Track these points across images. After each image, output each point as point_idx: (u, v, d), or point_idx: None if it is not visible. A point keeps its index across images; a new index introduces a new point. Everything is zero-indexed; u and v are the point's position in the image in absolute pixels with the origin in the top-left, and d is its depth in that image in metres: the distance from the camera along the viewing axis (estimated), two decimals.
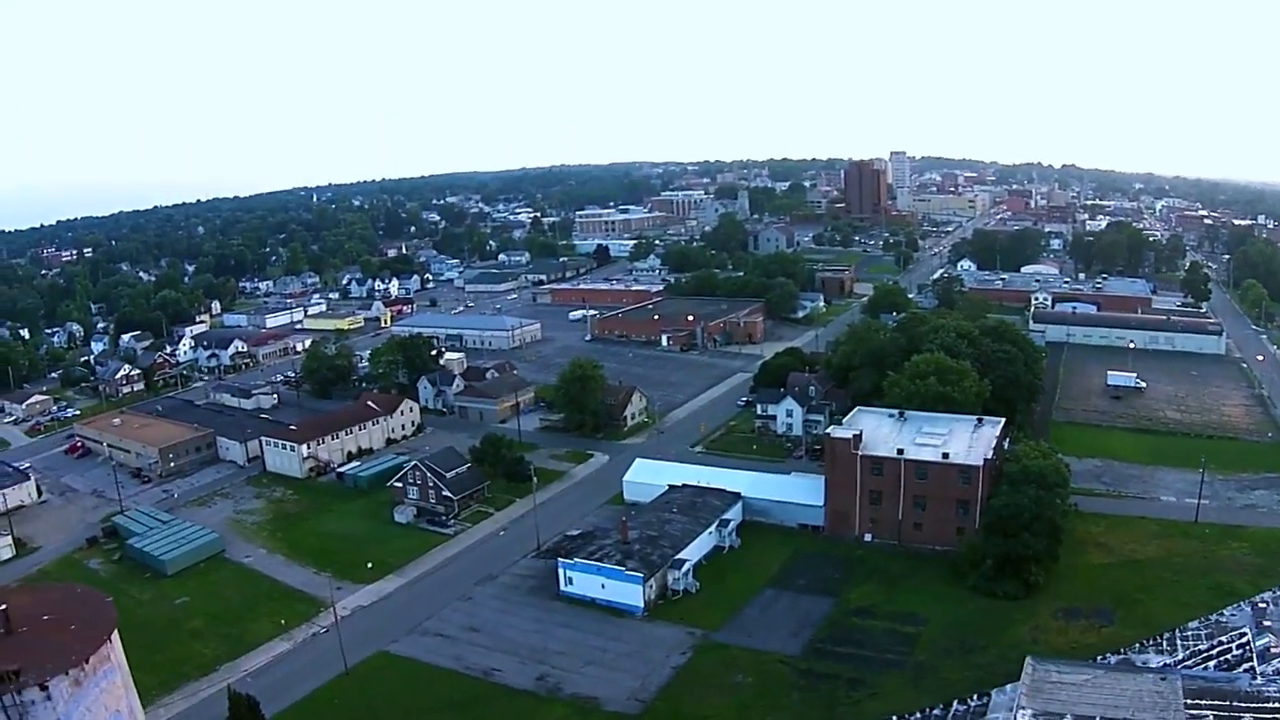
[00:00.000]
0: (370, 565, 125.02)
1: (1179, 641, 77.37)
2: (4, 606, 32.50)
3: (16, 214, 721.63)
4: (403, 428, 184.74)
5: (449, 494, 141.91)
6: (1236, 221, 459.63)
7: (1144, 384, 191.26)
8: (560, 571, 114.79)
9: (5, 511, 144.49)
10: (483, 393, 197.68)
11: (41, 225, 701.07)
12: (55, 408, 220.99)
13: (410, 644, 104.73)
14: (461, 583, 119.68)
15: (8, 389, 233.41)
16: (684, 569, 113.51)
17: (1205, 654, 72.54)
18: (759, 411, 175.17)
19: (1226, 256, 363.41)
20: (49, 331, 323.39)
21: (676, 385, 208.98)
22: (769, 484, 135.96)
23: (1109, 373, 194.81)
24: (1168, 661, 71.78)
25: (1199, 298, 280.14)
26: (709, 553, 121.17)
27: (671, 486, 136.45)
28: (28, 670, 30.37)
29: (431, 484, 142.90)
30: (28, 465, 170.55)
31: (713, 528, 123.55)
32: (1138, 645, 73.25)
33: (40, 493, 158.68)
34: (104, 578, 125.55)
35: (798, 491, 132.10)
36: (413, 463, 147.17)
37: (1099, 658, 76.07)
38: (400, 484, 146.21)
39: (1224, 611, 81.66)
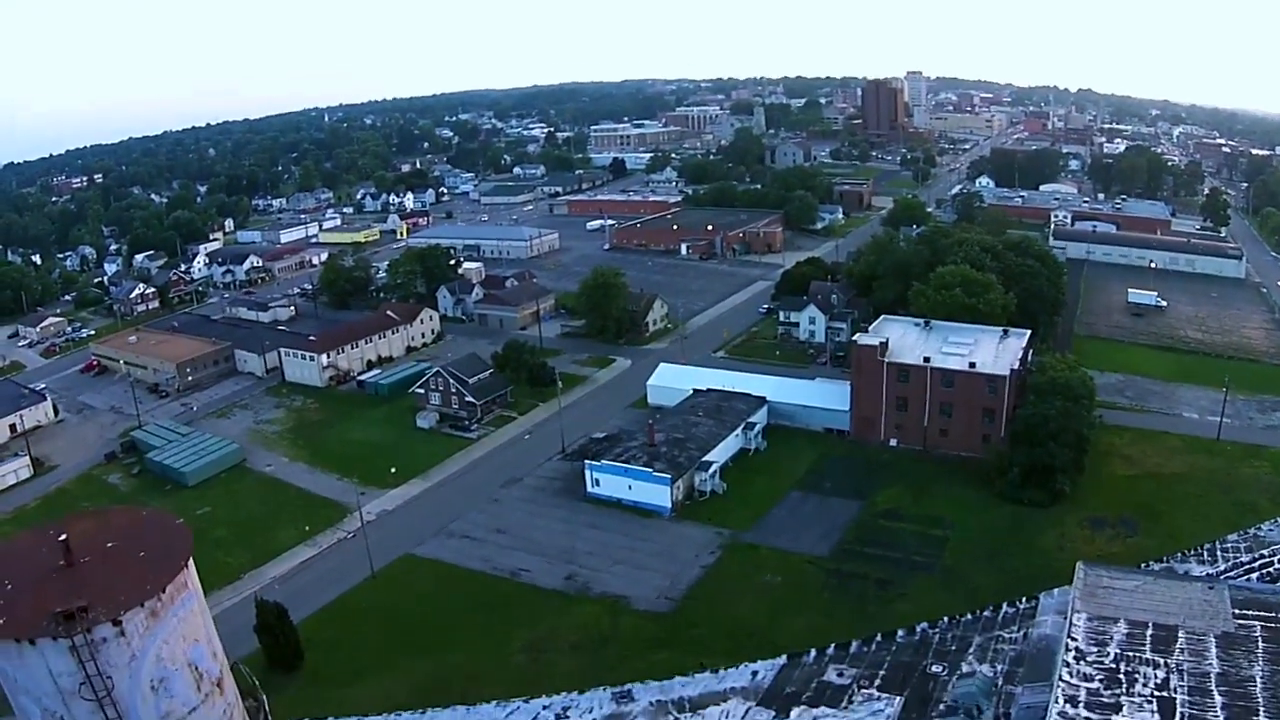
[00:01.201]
0: (394, 470, 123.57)
1: (1219, 553, 75.42)
2: (64, 537, 27.91)
3: (25, 145, 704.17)
4: (423, 336, 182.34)
5: (472, 399, 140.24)
6: (1255, 151, 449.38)
7: (1164, 303, 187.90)
8: (587, 473, 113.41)
9: (23, 432, 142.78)
10: (503, 300, 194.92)
11: (51, 155, 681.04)
12: (70, 329, 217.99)
13: (437, 546, 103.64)
14: (487, 486, 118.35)
15: (22, 313, 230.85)
16: (711, 471, 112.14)
17: (1246, 566, 70.61)
18: (781, 319, 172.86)
19: (1245, 185, 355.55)
20: (61, 256, 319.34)
21: (697, 293, 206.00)
22: (794, 389, 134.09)
23: (1130, 290, 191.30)
24: (1210, 572, 69.91)
25: (1218, 223, 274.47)
26: (735, 455, 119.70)
27: (696, 391, 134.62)
28: (97, 605, 26.02)
29: (454, 390, 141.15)
30: (43, 386, 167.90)
31: (738, 431, 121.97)
32: (1180, 555, 71.19)
33: (57, 412, 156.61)
34: (124, 492, 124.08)
35: (823, 396, 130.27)
36: (434, 369, 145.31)
37: (1143, 565, 74.41)
38: (422, 390, 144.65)
39: (1261, 526, 79.68)
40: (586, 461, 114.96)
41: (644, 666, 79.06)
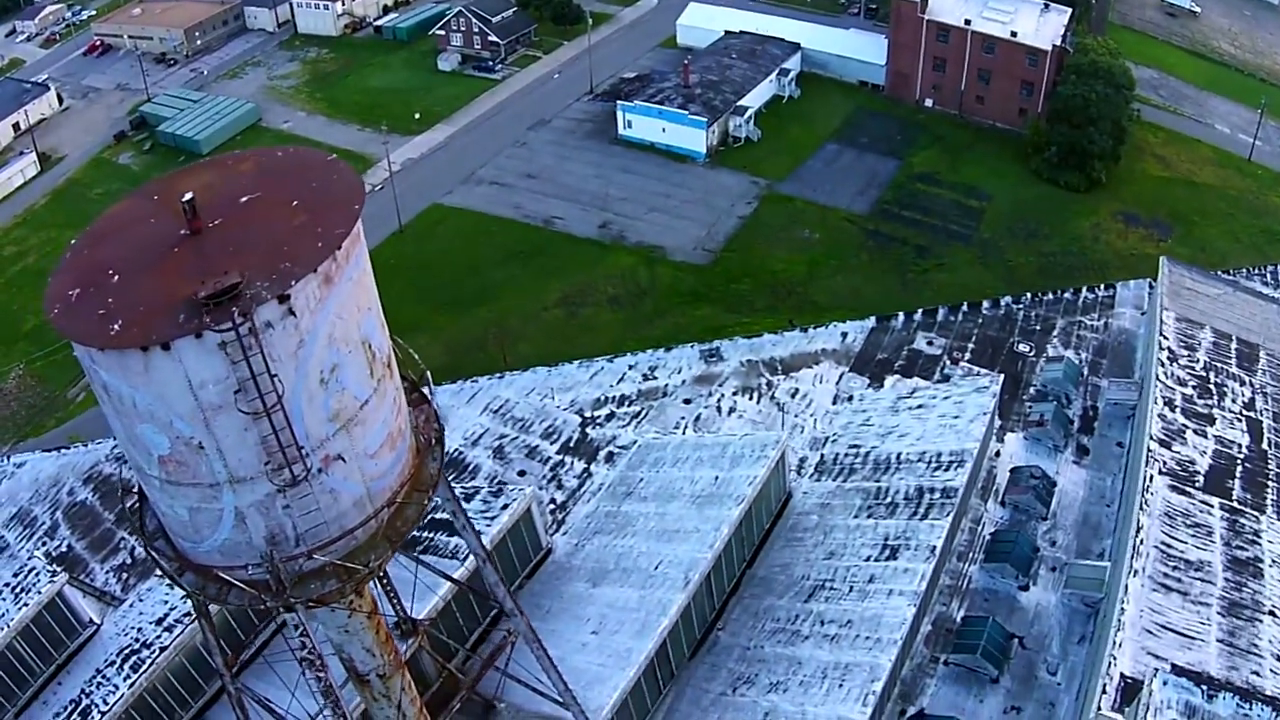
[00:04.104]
0: (418, 116, 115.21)
1: None
2: (189, 196, 17.92)
3: None
4: None
5: (495, 39, 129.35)
6: None
7: (1198, 9, 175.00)
8: (619, 114, 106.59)
9: (28, 128, 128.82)
10: None
11: None
12: (69, 13, 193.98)
13: (465, 194, 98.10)
14: (514, 128, 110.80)
15: (18, 9, 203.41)
16: (746, 116, 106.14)
17: None
18: None
19: None
20: None
21: None
22: (828, 37, 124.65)
23: None
24: (1276, 296, 67.94)
25: None
26: (768, 101, 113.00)
27: (728, 32, 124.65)
28: (254, 279, 17.12)
29: (476, 29, 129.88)
30: (46, 77, 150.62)
31: (772, 76, 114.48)
32: (1245, 271, 68.73)
33: (61, 101, 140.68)
34: (136, 171, 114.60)
35: (858, 48, 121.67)
36: (455, 9, 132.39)
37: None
38: (443, 32, 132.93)
39: None
40: (618, 103, 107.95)
41: (685, 321, 78.07)
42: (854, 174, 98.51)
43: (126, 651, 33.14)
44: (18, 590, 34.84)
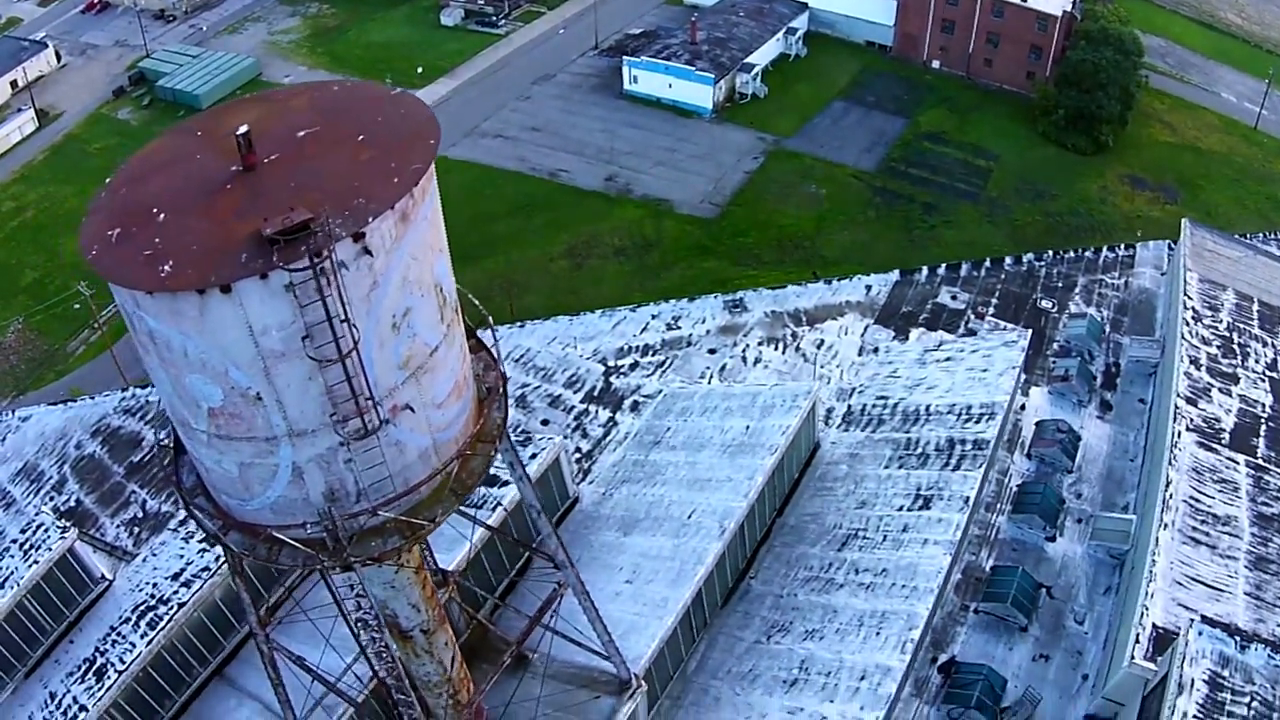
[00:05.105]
0: (420, 70, 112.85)
1: None
2: (245, 129, 16.22)
3: None
4: None
5: None
6: None
7: None
8: (625, 69, 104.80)
9: (25, 85, 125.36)
10: None
11: None
12: None
13: (470, 147, 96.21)
14: (518, 82, 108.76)
15: None
16: (753, 73, 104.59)
17: None
18: None
19: None
20: None
21: None
22: None
23: None
24: None
25: None
26: (775, 59, 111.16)
27: None
28: (329, 215, 15.48)
29: None
30: (44, 34, 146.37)
31: (779, 35, 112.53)
32: (1261, 236, 68.28)
33: (59, 58, 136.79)
34: (134, 126, 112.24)
35: (866, 8, 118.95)
36: None
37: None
38: None
39: None
40: (625, 58, 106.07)
41: (692, 273, 77.33)
42: (861, 132, 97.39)
43: (142, 608, 31.78)
44: (27, 547, 33.16)
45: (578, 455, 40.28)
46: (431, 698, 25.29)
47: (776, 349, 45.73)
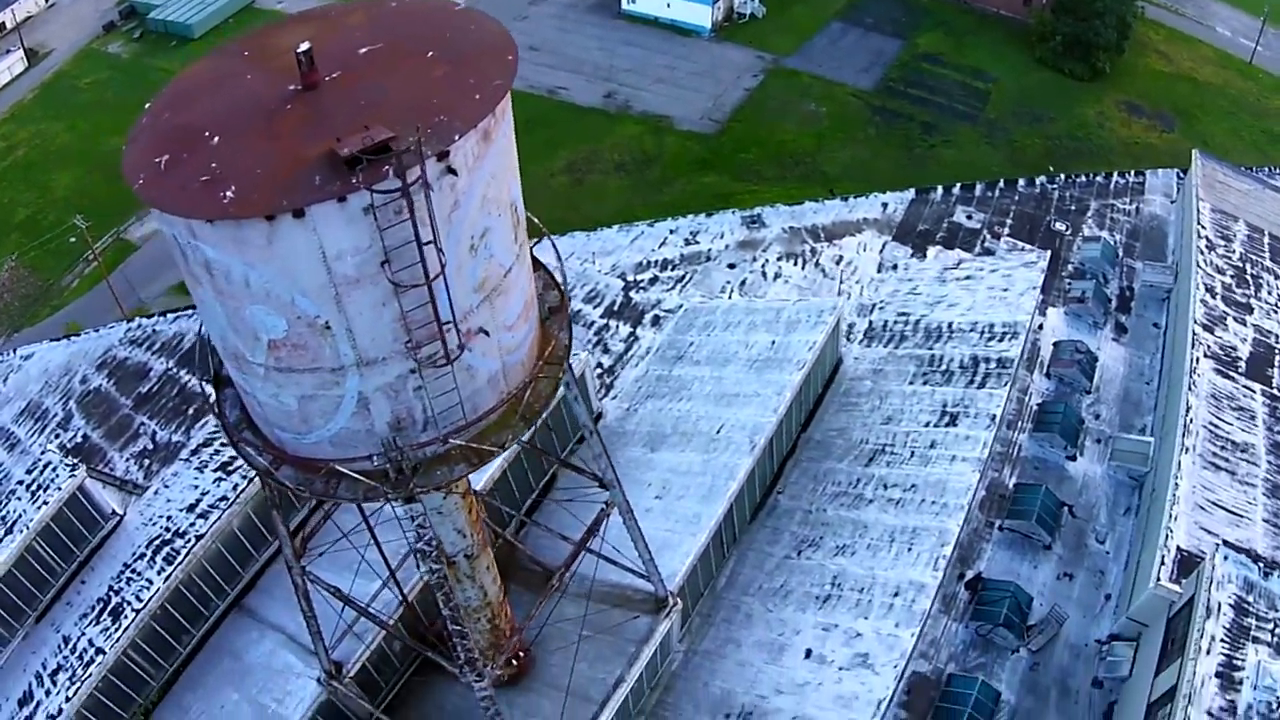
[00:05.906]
0: None
1: None
2: (306, 46, 14.79)
3: None
4: None
5: None
6: None
7: None
8: None
9: (15, 27, 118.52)
10: None
11: None
12: None
13: None
14: (514, 3, 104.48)
15: None
16: None
17: None
18: None
19: None
20: None
21: None
22: None
23: None
24: None
25: None
26: None
27: None
28: (419, 133, 13.94)
29: None
30: None
31: None
32: (1267, 169, 67.70)
33: None
34: (125, 59, 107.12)
35: None
36: None
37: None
38: None
39: None
40: None
41: (693, 188, 76.00)
42: (859, 52, 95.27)
43: (157, 542, 30.19)
44: (34, 487, 31.07)
45: (599, 370, 39.51)
46: (470, 623, 24.78)
47: (796, 264, 44.90)
